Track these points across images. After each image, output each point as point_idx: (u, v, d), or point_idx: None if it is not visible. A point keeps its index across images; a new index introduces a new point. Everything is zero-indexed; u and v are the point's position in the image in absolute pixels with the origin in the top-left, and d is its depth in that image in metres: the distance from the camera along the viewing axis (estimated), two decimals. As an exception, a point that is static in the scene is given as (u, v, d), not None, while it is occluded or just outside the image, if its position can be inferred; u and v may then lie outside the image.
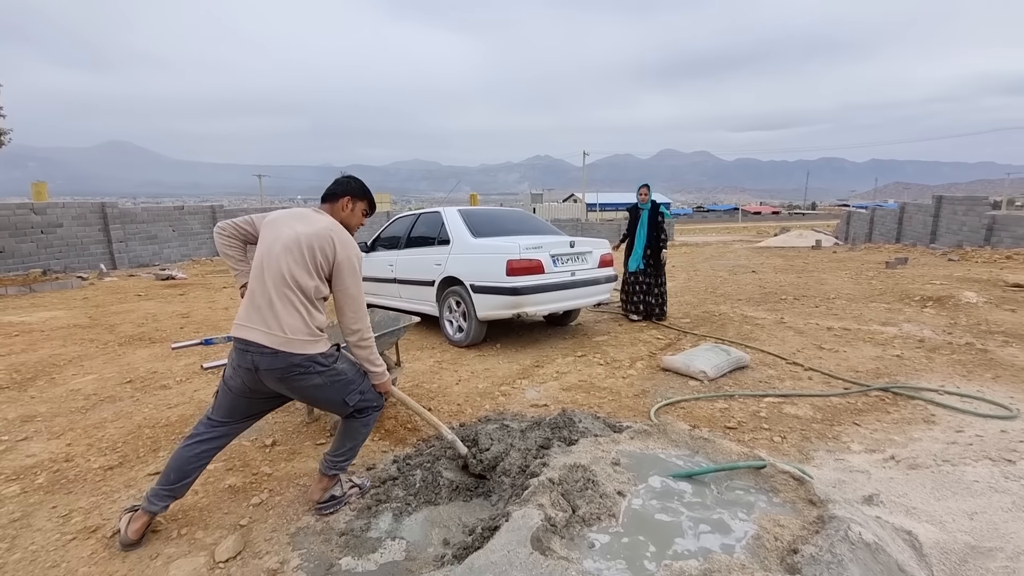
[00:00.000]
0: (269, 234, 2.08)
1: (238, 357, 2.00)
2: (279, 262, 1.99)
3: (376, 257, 6.31)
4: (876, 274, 10.11)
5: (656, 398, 3.51)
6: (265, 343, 1.94)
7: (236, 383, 2.05)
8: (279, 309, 1.96)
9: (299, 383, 2.00)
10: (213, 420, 2.11)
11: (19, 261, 13.12)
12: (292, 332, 1.96)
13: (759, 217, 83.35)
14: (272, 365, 1.94)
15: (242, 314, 2.02)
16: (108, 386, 4.09)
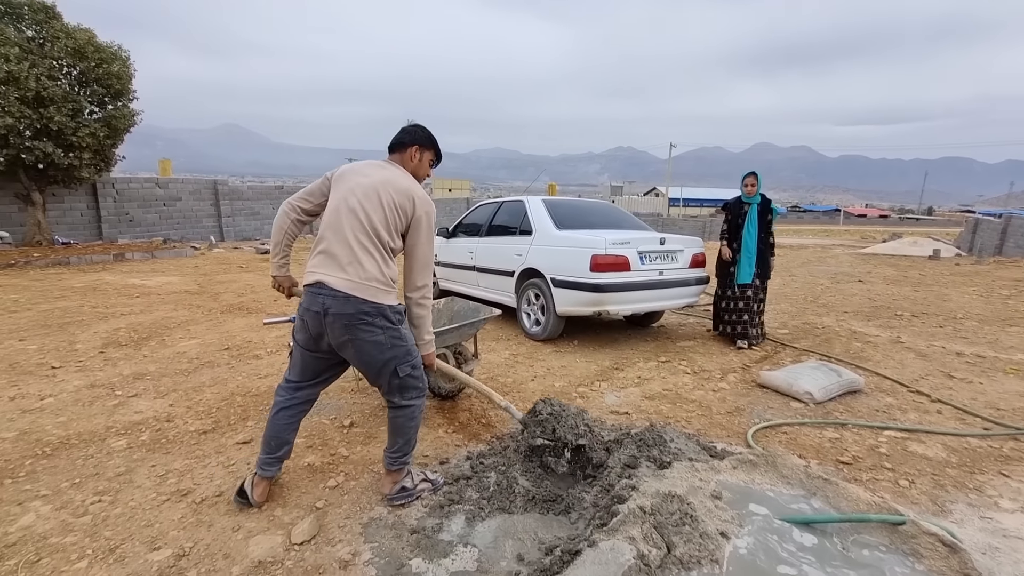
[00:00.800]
0: (344, 184, 2.04)
1: (308, 300, 1.96)
2: (357, 210, 1.97)
3: (457, 243, 6.31)
4: (1014, 293, 8.74)
5: (753, 418, 3.16)
6: (339, 287, 1.92)
7: (303, 335, 2.03)
8: (356, 256, 1.95)
9: (361, 335, 1.94)
10: (290, 383, 2.14)
11: (144, 230, 14.67)
12: (367, 279, 1.94)
13: (864, 220, 75.92)
14: (343, 309, 1.91)
15: (315, 263, 1.99)
16: (209, 351, 4.38)
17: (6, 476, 2.33)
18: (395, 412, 2.13)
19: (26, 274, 8.57)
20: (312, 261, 2.01)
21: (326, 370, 2.15)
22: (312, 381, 2.15)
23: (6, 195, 11.78)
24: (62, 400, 3.24)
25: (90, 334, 4.86)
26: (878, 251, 18.92)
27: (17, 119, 10.03)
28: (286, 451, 2.17)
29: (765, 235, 4.80)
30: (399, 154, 2.18)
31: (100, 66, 11.15)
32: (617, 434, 2.51)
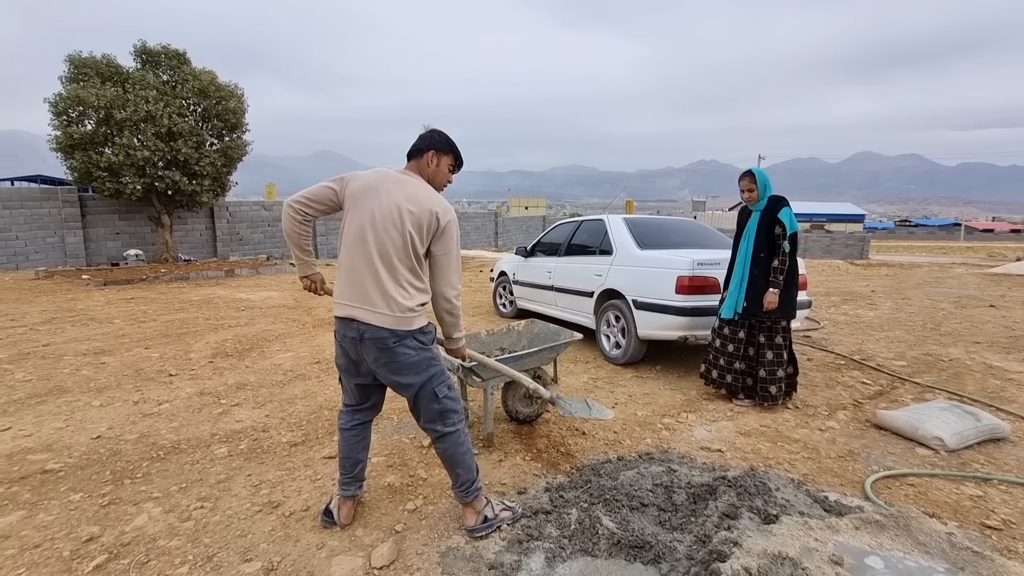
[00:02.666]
0: (364, 205, 1.94)
1: (342, 327, 1.97)
2: (383, 237, 1.90)
3: (535, 263, 6.28)
4: None
5: (870, 465, 2.78)
6: (371, 321, 1.90)
7: (343, 360, 2.05)
8: (386, 288, 1.90)
9: (399, 357, 1.92)
10: (347, 407, 2.18)
11: (252, 248, 16.13)
12: (400, 311, 1.91)
13: (991, 236, 67.04)
14: (378, 333, 1.91)
15: (345, 292, 1.95)
16: (301, 364, 4.64)
17: (126, 476, 2.56)
18: (442, 444, 2.07)
19: (154, 288, 9.68)
20: (341, 288, 1.97)
21: (372, 394, 2.17)
22: (363, 405, 2.17)
23: (142, 218, 13.47)
24: (176, 406, 3.54)
25: (202, 344, 5.34)
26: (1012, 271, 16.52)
27: (152, 152, 11.48)
28: (360, 469, 2.20)
29: (767, 255, 3.50)
30: (416, 161, 2.08)
31: (220, 103, 12.52)
32: (711, 476, 2.29)
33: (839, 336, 6.17)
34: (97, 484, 2.48)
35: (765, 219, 3.53)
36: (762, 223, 3.54)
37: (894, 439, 3.13)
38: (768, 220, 3.52)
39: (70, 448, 2.87)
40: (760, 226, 3.54)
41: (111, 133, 11.39)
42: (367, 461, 2.24)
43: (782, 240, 3.46)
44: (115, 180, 11.53)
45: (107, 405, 3.55)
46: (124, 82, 11.64)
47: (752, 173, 3.57)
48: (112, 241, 13.33)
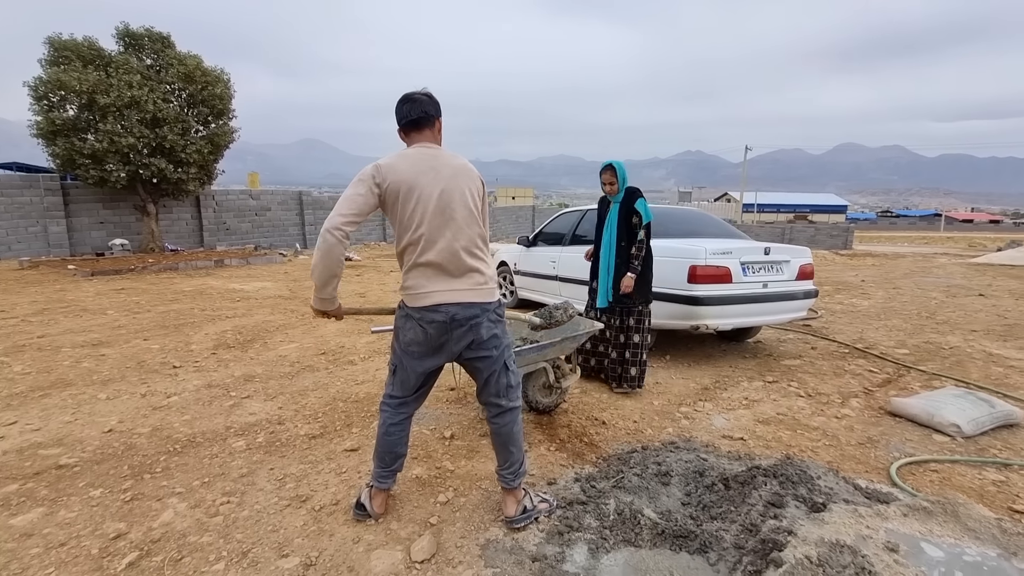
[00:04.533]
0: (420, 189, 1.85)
1: (427, 313, 1.89)
2: (453, 215, 1.88)
3: (538, 252, 6.24)
4: None
5: (891, 452, 2.81)
6: (461, 300, 1.90)
7: (421, 347, 1.94)
8: (467, 264, 1.92)
9: (489, 331, 1.95)
10: (394, 398, 2.10)
11: (239, 238, 15.83)
12: (482, 282, 1.95)
13: (970, 226, 68.58)
14: (468, 311, 1.91)
15: (423, 280, 1.89)
16: (307, 355, 4.56)
17: (145, 471, 2.48)
18: (502, 420, 2.07)
19: (143, 278, 9.45)
20: (416, 279, 1.90)
21: (428, 380, 2.12)
22: (416, 394, 2.12)
23: (127, 207, 13.12)
24: (185, 399, 3.46)
25: (202, 335, 5.22)
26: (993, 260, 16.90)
27: (137, 138, 11.15)
28: (400, 463, 2.17)
29: (627, 244, 3.66)
30: (429, 130, 1.97)
31: (206, 88, 12.19)
32: (744, 464, 2.29)
33: (838, 325, 6.25)
34: (116, 479, 2.40)
35: (623, 209, 3.70)
36: (621, 213, 3.71)
37: (910, 426, 3.17)
38: (626, 210, 3.69)
39: (83, 442, 2.78)
40: (620, 216, 3.71)
41: (94, 119, 11.04)
42: (406, 455, 2.19)
43: (639, 228, 3.64)
44: (99, 168, 11.19)
45: (114, 398, 3.45)
46: (107, 66, 11.26)
47: (613, 167, 3.71)
48: (96, 230, 12.98)
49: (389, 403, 2.12)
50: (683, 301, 4.16)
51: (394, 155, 1.94)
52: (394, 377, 2.09)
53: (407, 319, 1.96)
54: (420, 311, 1.91)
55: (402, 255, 1.94)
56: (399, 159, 1.91)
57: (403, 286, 1.96)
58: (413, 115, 1.94)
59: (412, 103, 1.95)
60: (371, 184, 1.85)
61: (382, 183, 1.85)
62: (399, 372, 2.05)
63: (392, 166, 1.88)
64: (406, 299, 1.95)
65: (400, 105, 1.98)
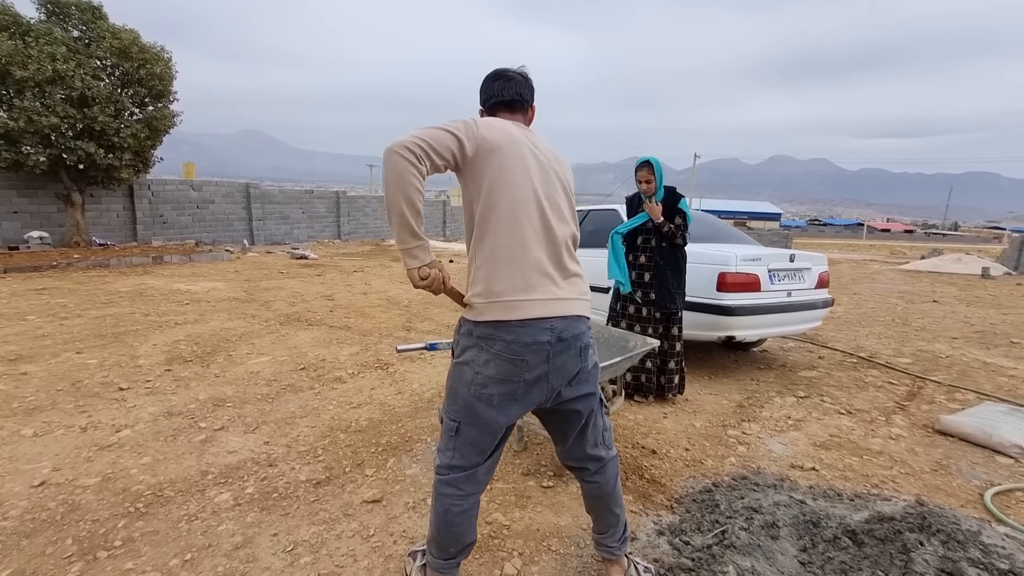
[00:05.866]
0: (519, 159, 1.42)
1: (526, 333, 1.39)
2: (554, 199, 1.48)
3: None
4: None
5: (970, 479, 2.59)
6: (565, 312, 1.45)
7: (507, 386, 1.41)
8: (567, 267, 1.50)
9: (590, 354, 1.54)
10: (458, 471, 1.51)
11: (177, 232, 14.44)
12: (583, 292, 1.53)
13: (888, 235, 74.23)
14: (575, 328, 1.47)
15: (516, 284, 1.39)
16: (284, 371, 3.91)
17: (99, 546, 1.85)
18: (604, 474, 1.63)
19: (69, 276, 8.25)
20: (505, 279, 1.38)
21: (506, 437, 1.58)
22: (490, 460, 1.55)
23: (47, 195, 11.57)
24: (141, 433, 2.77)
25: (149, 347, 4.42)
26: (920, 268, 18.06)
27: (61, 119, 9.80)
28: (468, 551, 1.61)
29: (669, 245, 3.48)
30: (522, 117, 1.60)
31: (143, 67, 10.92)
32: (861, 510, 1.96)
33: (827, 332, 6.20)
34: (57, 563, 1.76)
35: (665, 210, 3.41)
36: (664, 214, 3.40)
37: (967, 447, 2.98)
38: (668, 211, 3.41)
39: (2, 504, 2.08)
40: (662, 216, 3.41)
41: (8, 94, 9.59)
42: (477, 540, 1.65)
43: (683, 231, 3.42)
44: (13, 150, 9.73)
45: (44, 434, 2.71)
46: (25, 35, 9.81)
47: (651, 163, 3.37)
48: (9, 221, 11.35)
49: (450, 480, 1.51)
50: (711, 311, 3.85)
51: (495, 119, 1.51)
52: (456, 439, 1.50)
53: (483, 346, 1.42)
54: (511, 329, 1.39)
55: (481, 243, 1.42)
56: (500, 122, 1.49)
57: (478, 291, 1.42)
58: (507, 96, 1.56)
59: (506, 81, 1.57)
60: (461, 129, 1.37)
61: (475, 138, 1.38)
62: (465, 431, 1.48)
63: (487, 123, 1.44)
64: (485, 311, 1.40)
65: (491, 81, 1.58)
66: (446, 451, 1.53)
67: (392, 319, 5.97)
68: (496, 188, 1.39)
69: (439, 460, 1.55)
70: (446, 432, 1.53)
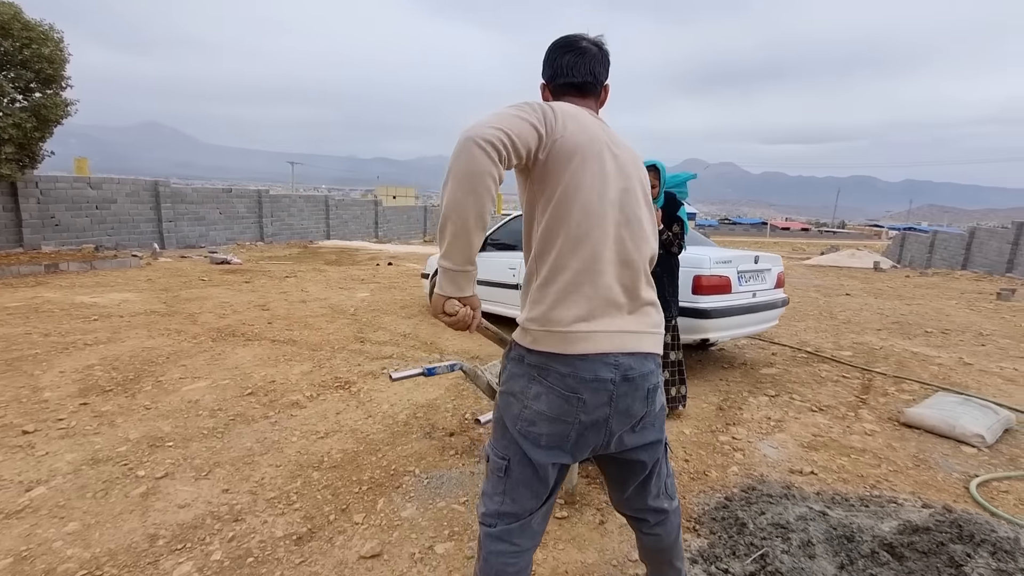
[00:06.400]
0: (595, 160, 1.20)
1: (585, 368, 1.18)
2: (633, 211, 1.27)
3: (490, 258, 5.60)
4: (999, 306, 9.15)
5: (949, 472, 2.71)
6: (636, 349, 1.25)
7: (556, 428, 1.20)
8: (640, 294, 1.29)
9: (662, 397, 1.35)
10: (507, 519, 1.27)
11: (73, 235, 12.78)
12: (655, 325, 1.32)
13: (788, 233, 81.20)
14: (644, 368, 1.26)
15: (579, 311, 1.18)
16: (229, 398, 3.43)
17: (23, 657, 1.42)
18: (668, 526, 1.44)
19: (-67, 291, 6.93)
20: (569, 306, 1.18)
21: (560, 482, 1.34)
22: (545, 506, 1.32)
23: (-102, 193, 9.75)
24: (60, 490, 2.26)
25: (55, 375, 3.73)
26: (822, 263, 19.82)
27: (-81, 102, 8.27)
28: None
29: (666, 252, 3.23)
30: (594, 100, 1.36)
31: (28, 47, 9.47)
32: (893, 523, 1.94)
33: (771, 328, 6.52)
34: None
35: (664, 216, 3.22)
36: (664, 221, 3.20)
37: (933, 439, 3.15)
38: (668, 218, 3.22)
39: None
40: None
41: None
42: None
43: (680, 240, 3.25)
44: None
45: (-78, 504, 2.13)
46: None
47: (657, 168, 3.15)
48: None
49: (501, 532, 1.27)
50: (687, 314, 3.83)
51: (568, 104, 1.25)
52: (505, 480, 1.27)
53: (534, 376, 1.21)
54: (568, 361, 1.18)
55: (543, 260, 1.22)
56: (575, 110, 1.24)
57: (534, 316, 1.21)
58: (578, 77, 1.31)
59: (578, 55, 1.31)
60: (546, 122, 1.14)
61: (557, 130, 1.15)
62: (517, 471, 1.25)
63: (565, 112, 1.20)
64: (540, 340, 1.20)
65: (559, 54, 1.32)
66: (494, 496, 1.29)
67: (341, 330, 5.52)
68: (568, 197, 1.17)
69: (485, 507, 1.31)
70: (493, 472, 1.30)
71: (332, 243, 18.74)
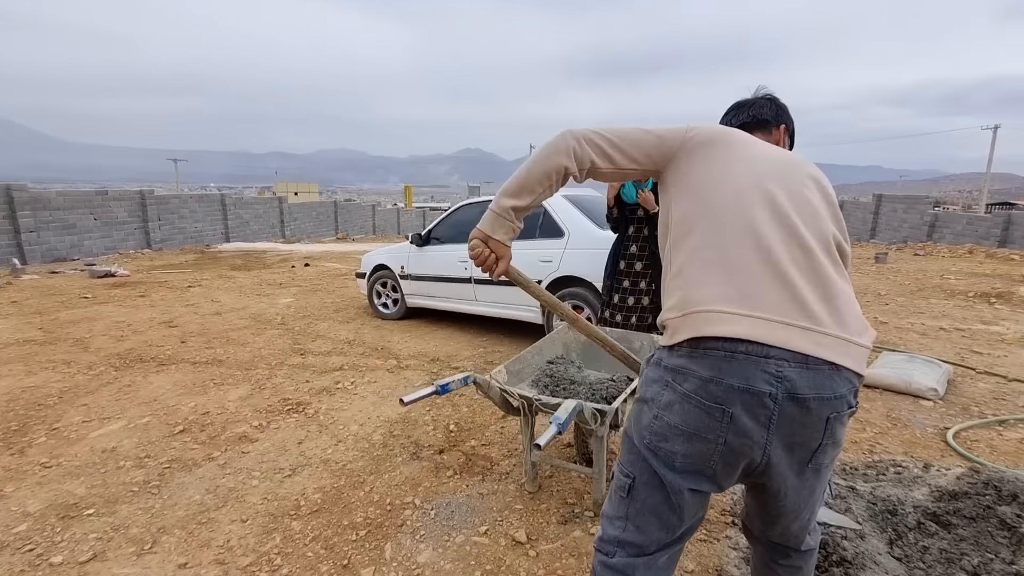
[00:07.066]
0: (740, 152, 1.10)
1: (740, 370, 0.93)
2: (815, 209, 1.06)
3: (438, 252, 5.26)
4: (878, 268, 10.31)
5: (925, 428, 2.87)
6: (809, 349, 0.92)
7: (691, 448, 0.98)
8: (830, 284, 0.98)
9: (839, 436, 1.01)
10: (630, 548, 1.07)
11: None
12: (854, 330, 0.97)
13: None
14: (826, 391, 0.93)
15: (724, 290, 0.97)
16: (156, 440, 2.83)
17: None
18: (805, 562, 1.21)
19: None
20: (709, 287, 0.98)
21: (701, 510, 1.10)
22: (684, 536, 1.10)
23: None
24: (-62, 601, 1.67)
25: (-101, 439, 2.88)
26: None
27: None
28: None
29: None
30: (762, 134, 1.33)
31: None
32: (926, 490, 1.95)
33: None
34: None
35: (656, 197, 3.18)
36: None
37: (894, 396, 3.35)
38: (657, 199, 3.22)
39: None
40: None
41: None
42: None
43: None
44: None
45: None
46: None
47: None
48: None
49: (621, 565, 1.07)
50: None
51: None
52: (629, 502, 1.07)
53: (671, 383, 0.99)
54: (711, 360, 0.94)
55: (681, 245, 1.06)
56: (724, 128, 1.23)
57: (671, 305, 1.03)
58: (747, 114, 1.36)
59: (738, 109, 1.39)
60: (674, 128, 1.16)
61: (690, 128, 1.15)
62: (643, 493, 1.05)
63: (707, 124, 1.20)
64: (679, 329, 0.99)
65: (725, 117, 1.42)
66: (615, 520, 1.10)
67: (273, 343, 4.90)
68: (707, 181, 1.08)
69: (603, 531, 1.11)
70: (616, 491, 1.10)
71: (234, 246, 17.05)
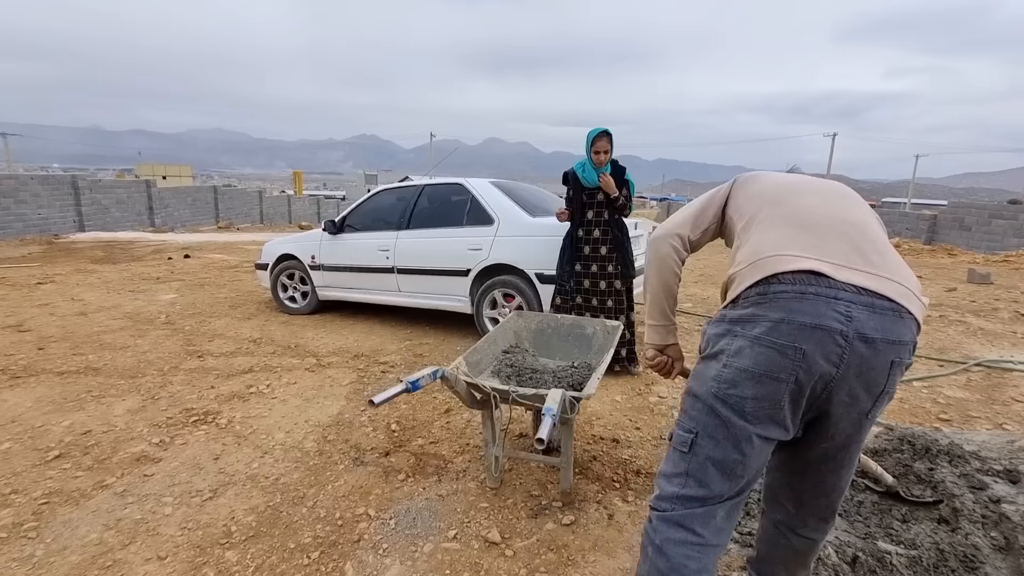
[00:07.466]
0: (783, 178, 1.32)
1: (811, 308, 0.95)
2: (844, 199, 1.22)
3: (353, 241, 4.92)
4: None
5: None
6: (885, 290, 0.97)
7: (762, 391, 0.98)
8: (886, 247, 1.08)
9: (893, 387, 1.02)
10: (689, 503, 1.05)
11: None
12: (910, 282, 1.02)
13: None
14: (895, 333, 0.96)
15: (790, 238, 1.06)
16: (23, 470, 2.30)
17: None
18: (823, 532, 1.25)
19: None
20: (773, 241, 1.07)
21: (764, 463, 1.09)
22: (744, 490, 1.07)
23: None
24: None
25: None
26: None
27: None
28: None
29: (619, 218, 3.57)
30: None
31: None
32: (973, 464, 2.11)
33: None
34: None
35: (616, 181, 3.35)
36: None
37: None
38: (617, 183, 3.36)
39: None
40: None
41: None
42: None
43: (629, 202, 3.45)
44: None
45: None
46: None
47: (609, 134, 3.26)
48: None
49: (680, 517, 1.04)
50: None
51: None
52: (689, 457, 1.06)
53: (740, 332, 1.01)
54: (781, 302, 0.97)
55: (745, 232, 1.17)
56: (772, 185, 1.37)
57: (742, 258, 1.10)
58: None
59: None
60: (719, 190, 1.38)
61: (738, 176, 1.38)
62: (705, 445, 1.04)
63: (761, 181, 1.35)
64: (745, 278, 1.05)
65: None
66: (673, 477, 1.09)
67: (161, 345, 4.26)
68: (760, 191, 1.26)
69: (662, 490, 1.10)
70: (676, 449, 1.10)
71: (91, 236, 14.66)
